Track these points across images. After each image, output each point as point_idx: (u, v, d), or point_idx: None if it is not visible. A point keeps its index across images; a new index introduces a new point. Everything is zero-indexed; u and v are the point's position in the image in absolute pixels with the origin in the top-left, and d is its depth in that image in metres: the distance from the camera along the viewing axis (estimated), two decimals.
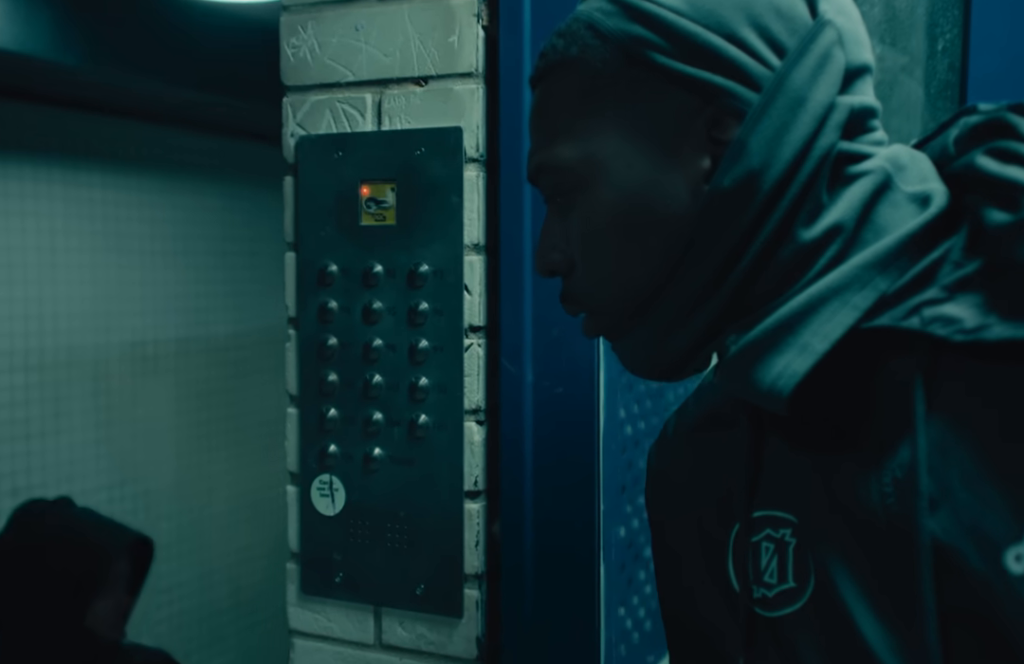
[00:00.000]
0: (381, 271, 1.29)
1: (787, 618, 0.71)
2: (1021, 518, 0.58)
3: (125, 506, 3.96)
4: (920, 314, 0.64)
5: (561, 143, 0.75)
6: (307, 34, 1.34)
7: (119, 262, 3.92)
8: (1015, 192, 0.62)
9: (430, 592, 1.28)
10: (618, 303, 0.76)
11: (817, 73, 0.67)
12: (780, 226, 0.68)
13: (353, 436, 1.32)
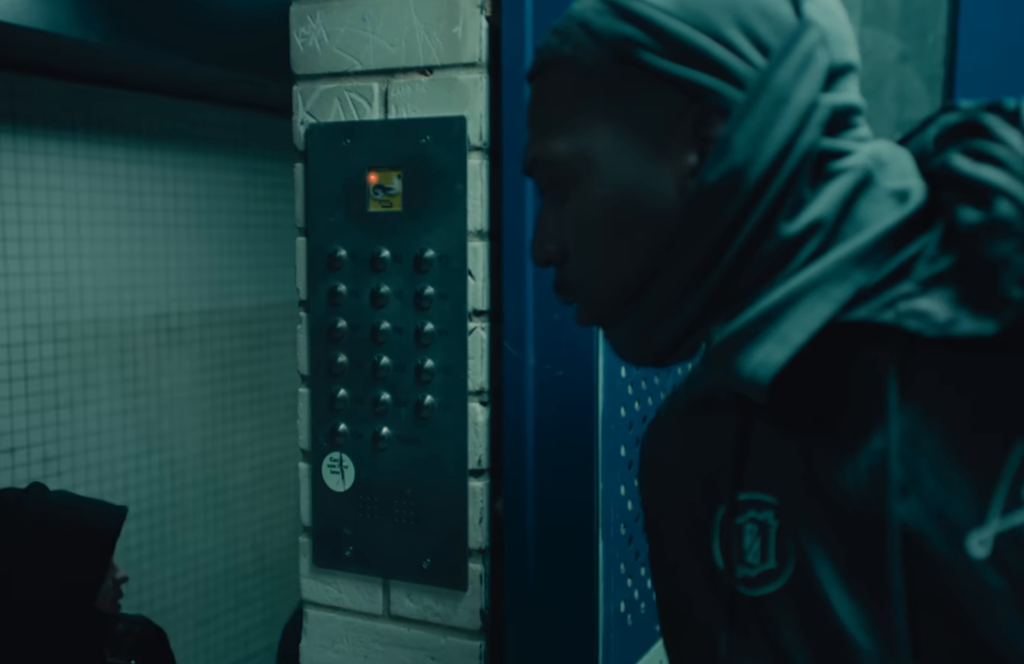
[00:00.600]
0: (388, 256, 1.33)
1: (768, 597, 0.74)
2: (983, 504, 0.61)
3: (152, 474, 4.05)
4: (895, 308, 0.66)
5: (555, 138, 0.78)
6: (316, 24, 1.37)
7: (143, 235, 3.98)
8: (986, 192, 0.64)
9: (436, 566, 1.33)
10: (608, 293, 0.79)
11: (800, 73, 0.70)
12: (763, 220, 0.71)
13: (362, 415, 1.37)
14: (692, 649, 0.87)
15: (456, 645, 1.32)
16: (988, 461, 0.61)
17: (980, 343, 0.62)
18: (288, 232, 4.48)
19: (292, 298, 4.72)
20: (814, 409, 0.72)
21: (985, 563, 0.61)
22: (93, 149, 3.67)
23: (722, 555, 0.78)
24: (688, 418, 0.88)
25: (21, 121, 3.41)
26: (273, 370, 4.57)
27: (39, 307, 3.49)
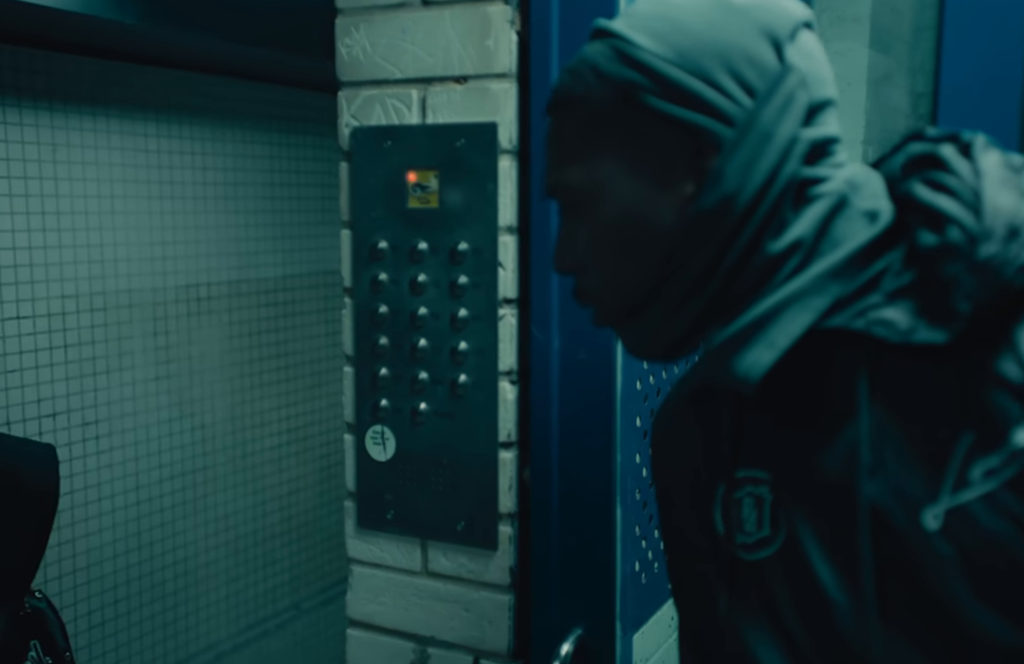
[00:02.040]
0: (426, 248, 1.47)
1: (763, 562, 0.87)
2: (936, 485, 0.74)
3: (184, 438, 4.20)
4: (866, 316, 0.78)
5: (570, 168, 0.89)
6: (359, 35, 1.50)
7: (173, 208, 4.11)
8: (941, 219, 0.76)
9: (469, 528, 1.48)
10: (619, 301, 0.91)
11: (782, 112, 0.80)
12: (752, 239, 0.83)
13: (402, 392, 1.51)
14: (696, 606, 1.01)
15: (488, 599, 1.47)
16: (940, 448, 0.74)
17: (934, 349, 0.75)
18: (311, 203, 4.62)
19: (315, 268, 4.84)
20: (798, 402, 0.85)
21: (938, 534, 0.73)
22: (125, 125, 3.80)
23: (723, 523, 0.92)
24: (692, 404, 1.01)
25: (58, 99, 3.54)
26: (298, 338, 4.72)
27: (76, 278, 3.63)
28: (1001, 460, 0.71)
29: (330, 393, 4.64)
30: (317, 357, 4.54)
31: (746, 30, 0.82)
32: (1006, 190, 0.75)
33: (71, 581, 3.47)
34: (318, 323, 4.57)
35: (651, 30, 0.83)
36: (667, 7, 0.84)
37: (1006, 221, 0.72)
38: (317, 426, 4.61)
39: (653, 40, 0.83)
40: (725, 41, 0.81)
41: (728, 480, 0.90)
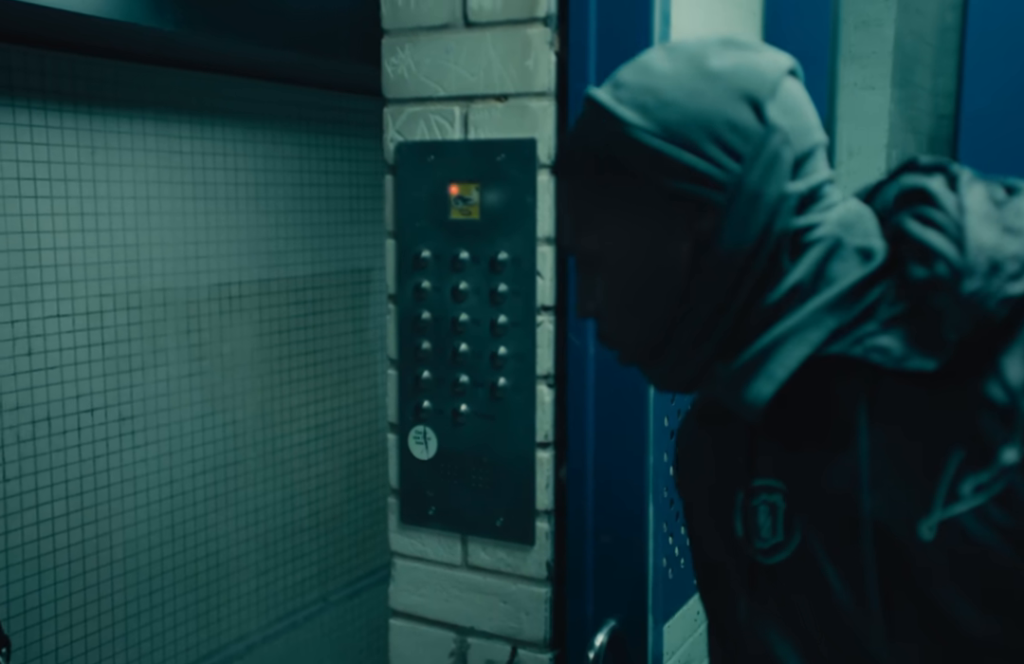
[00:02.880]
0: (467, 257, 1.55)
1: (779, 566, 0.95)
2: (928, 499, 0.79)
3: (216, 433, 4.30)
4: (863, 344, 0.83)
5: (582, 233, 0.96)
6: (404, 54, 1.58)
7: (206, 208, 4.20)
8: (930, 254, 0.81)
9: (508, 524, 1.55)
10: (636, 347, 0.98)
11: (767, 173, 0.85)
12: (753, 290, 0.89)
13: (444, 394, 1.59)
14: (721, 607, 1.08)
15: (525, 591, 1.55)
16: (933, 466, 0.79)
17: (927, 374, 0.80)
18: (339, 203, 4.71)
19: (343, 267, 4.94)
20: (804, 423, 0.91)
21: (932, 544, 0.80)
22: (160, 127, 3.90)
23: (743, 528, 0.98)
24: (710, 421, 1.07)
25: (97, 103, 3.64)
26: (326, 336, 4.81)
27: (113, 277, 3.73)
28: (990, 476, 0.77)
29: (357, 390, 4.73)
30: (344, 354, 4.63)
31: (726, 97, 0.87)
32: (988, 226, 0.80)
33: (108, 572, 3.57)
34: (345, 321, 4.65)
35: (639, 105, 0.89)
36: (651, 78, 0.90)
37: (988, 257, 0.78)
38: (345, 422, 4.71)
39: (642, 116, 0.88)
40: (707, 111, 0.86)
41: (746, 488, 0.97)
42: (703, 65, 0.89)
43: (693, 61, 0.89)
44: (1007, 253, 0.77)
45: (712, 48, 0.90)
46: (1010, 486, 0.76)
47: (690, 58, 0.90)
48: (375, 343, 4.79)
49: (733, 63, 0.89)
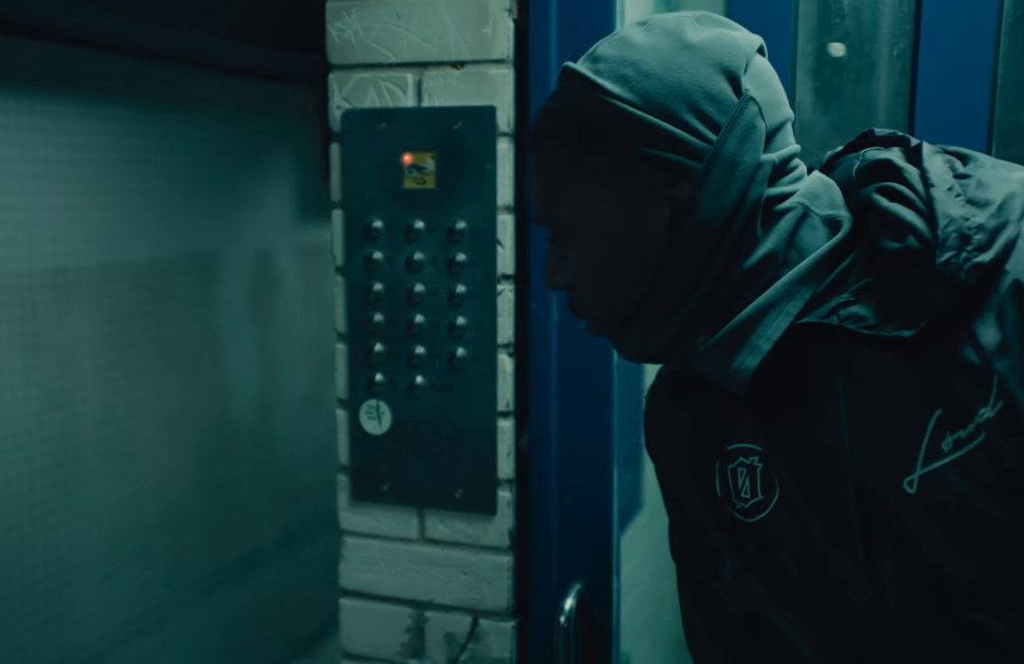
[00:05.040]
0: (423, 227, 1.52)
1: (760, 522, 0.99)
2: (911, 456, 0.85)
3: (54, 430, 4.01)
4: (837, 313, 0.88)
5: (557, 203, 0.97)
6: (351, 19, 1.53)
7: (37, 188, 3.91)
8: (901, 225, 0.86)
9: (468, 494, 1.55)
10: (607, 317, 1.00)
11: (743, 142, 0.89)
12: (728, 257, 0.91)
13: (398, 367, 1.56)
14: (700, 570, 1.12)
15: (487, 561, 1.55)
16: (912, 425, 0.85)
17: (902, 341, 0.84)
18: (183, 184, 4.49)
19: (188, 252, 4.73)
20: (783, 389, 0.95)
21: (914, 497, 0.85)
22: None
23: (723, 492, 1.03)
24: (681, 388, 1.10)
25: None
26: (171, 323, 4.57)
27: None
28: (967, 432, 0.83)
29: (205, 381, 4.53)
30: (190, 343, 4.42)
31: (704, 69, 0.90)
32: (954, 199, 0.85)
33: None
34: (190, 308, 4.44)
35: (619, 76, 0.91)
36: (631, 51, 0.92)
37: (956, 229, 0.83)
38: (191, 415, 4.49)
39: (622, 86, 0.91)
40: (686, 82, 0.90)
41: (722, 453, 1.02)
42: (681, 38, 0.92)
43: (671, 35, 0.92)
44: (974, 224, 0.84)
45: (688, 23, 0.94)
46: (987, 440, 0.82)
47: (667, 32, 0.93)
48: (223, 331, 4.60)
49: (710, 37, 0.92)
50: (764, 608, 1.02)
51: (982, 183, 0.87)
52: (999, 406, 0.81)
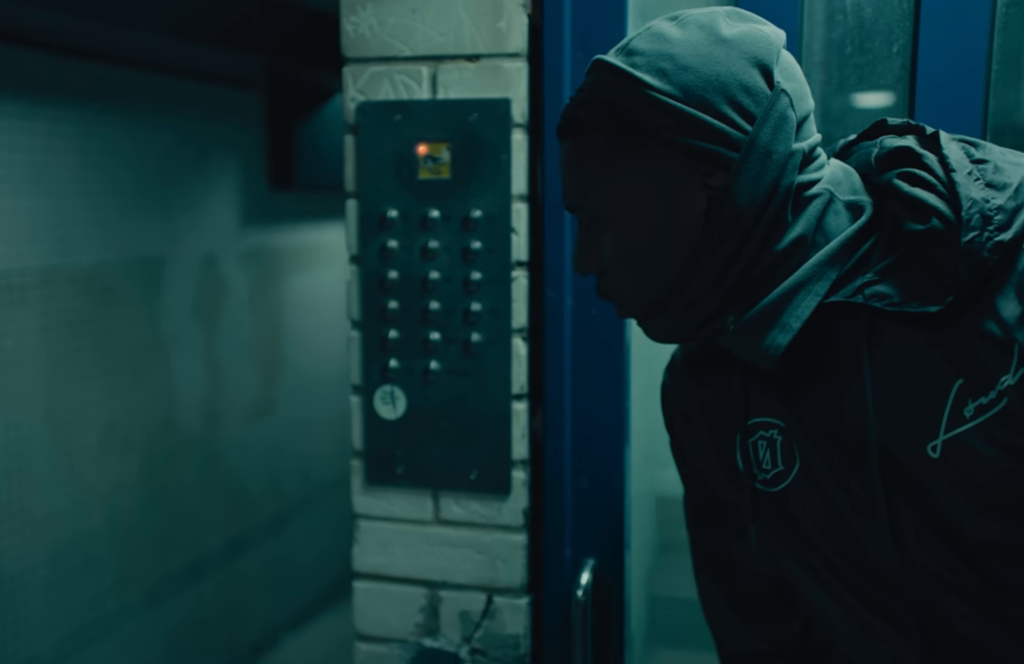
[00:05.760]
0: (438, 216, 1.56)
1: (782, 491, 1.06)
2: (935, 423, 0.91)
3: None
4: (863, 292, 0.93)
5: (591, 192, 1.00)
6: (366, 13, 1.57)
7: None
8: (924, 208, 0.91)
9: (483, 476, 1.59)
10: (639, 301, 1.02)
11: (777, 132, 0.93)
12: (761, 243, 0.95)
13: (413, 353, 1.60)
14: (720, 542, 1.19)
15: (501, 540, 1.59)
16: (935, 394, 0.91)
17: (925, 317, 0.90)
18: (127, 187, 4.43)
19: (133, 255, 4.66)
20: (808, 363, 0.99)
21: (938, 461, 0.91)
22: None
23: (745, 465, 1.09)
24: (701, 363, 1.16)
25: None
26: (119, 329, 4.51)
27: None
28: (989, 399, 0.88)
29: (152, 386, 4.47)
30: (137, 348, 4.35)
31: (739, 62, 0.94)
32: (974, 183, 0.91)
33: None
34: (138, 311, 4.38)
35: (657, 69, 0.95)
36: (667, 45, 0.96)
37: (979, 210, 0.89)
38: (139, 419, 4.43)
39: (661, 79, 0.94)
40: (723, 74, 0.93)
41: (743, 428, 1.08)
42: (715, 33, 0.96)
43: (705, 29, 0.97)
44: (994, 206, 0.91)
45: (720, 18, 0.99)
46: (1009, 405, 0.87)
47: (701, 27, 0.97)
48: (169, 336, 4.54)
49: (742, 32, 0.97)
50: (788, 571, 1.10)
51: (998, 167, 0.94)
52: (1020, 373, 0.88)
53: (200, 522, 4.79)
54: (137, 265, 4.36)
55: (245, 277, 5.01)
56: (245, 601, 5.12)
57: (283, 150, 4.97)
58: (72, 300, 4.15)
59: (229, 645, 5.06)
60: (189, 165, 4.65)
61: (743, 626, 1.21)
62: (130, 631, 4.42)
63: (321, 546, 5.65)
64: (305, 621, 5.47)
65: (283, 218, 5.26)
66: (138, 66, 4.33)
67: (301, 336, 5.44)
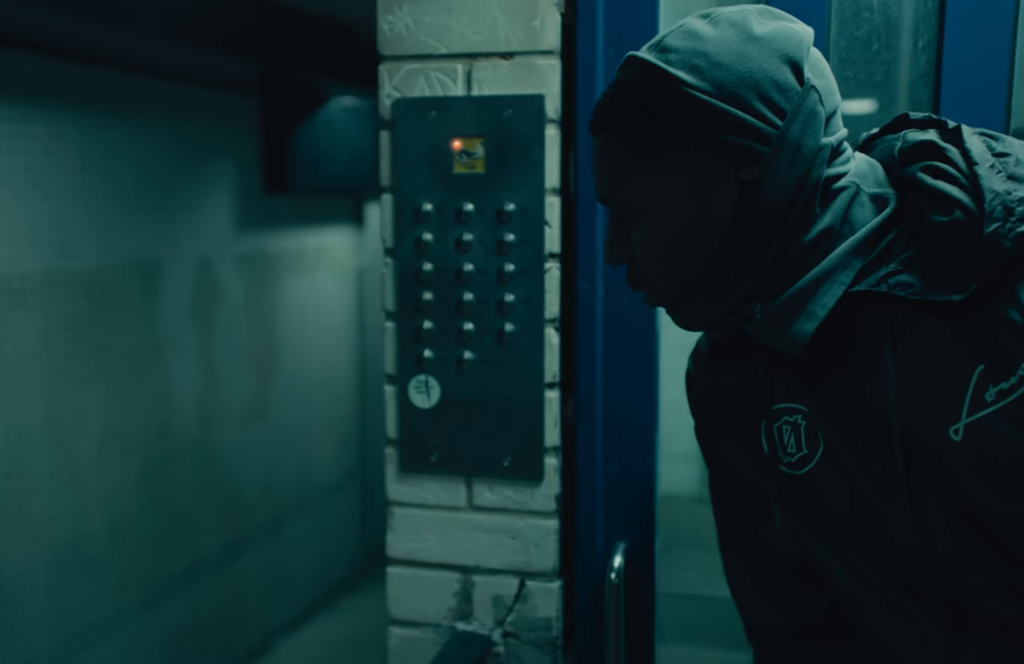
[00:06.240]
0: (472, 209, 1.61)
1: (806, 474, 1.09)
2: (958, 407, 0.93)
3: None
4: (887, 281, 0.96)
5: (623, 185, 1.03)
6: (402, 12, 1.61)
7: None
8: (948, 201, 0.94)
9: (515, 463, 1.63)
10: (669, 291, 1.06)
11: (807, 127, 0.96)
12: (789, 233, 0.98)
13: (447, 343, 1.64)
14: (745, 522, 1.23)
15: (534, 525, 1.63)
16: (957, 379, 0.93)
17: (947, 306, 0.93)
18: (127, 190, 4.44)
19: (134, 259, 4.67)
20: (832, 350, 1.02)
21: (960, 444, 0.94)
22: None
23: (770, 449, 1.13)
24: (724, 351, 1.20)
25: None
26: (118, 332, 4.52)
27: None
28: (1010, 384, 0.91)
29: (151, 388, 4.48)
30: (136, 352, 4.36)
31: (771, 59, 0.97)
32: (996, 176, 0.94)
33: None
34: (137, 315, 4.39)
35: (691, 66, 0.98)
36: (700, 42, 0.99)
37: (1001, 202, 0.92)
38: (138, 423, 4.44)
39: (695, 76, 0.97)
40: (756, 71, 0.96)
41: (768, 413, 1.12)
42: (747, 30, 1.00)
43: (737, 27, 1.01)
44: (1016, 198, 0.94)
45: (751, 15, 1.02)
46: None
47: (734, 24, 1.01)
48: (167, 339, 4.55)
49: (773, 29, 0.98)
50: (814, 552, 1.14)
51: (1020, 161, 0.98)
52: None
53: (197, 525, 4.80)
54: (136, 268, 4.37)
55: (240, 280, 5.02)
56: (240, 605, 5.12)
57: (277, 154, 4.99)
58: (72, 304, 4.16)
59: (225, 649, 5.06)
60: (186, 169, 4.67)
61: (770, 604, 1.25)
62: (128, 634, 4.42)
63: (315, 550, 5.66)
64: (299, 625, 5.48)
65: (277, 222, 5.28)
66: (135, 70, 4.35)
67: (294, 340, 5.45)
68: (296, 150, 5.00)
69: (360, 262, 6.03)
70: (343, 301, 5.90)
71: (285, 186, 4.99)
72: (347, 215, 5.89)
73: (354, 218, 5.94)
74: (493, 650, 1.66)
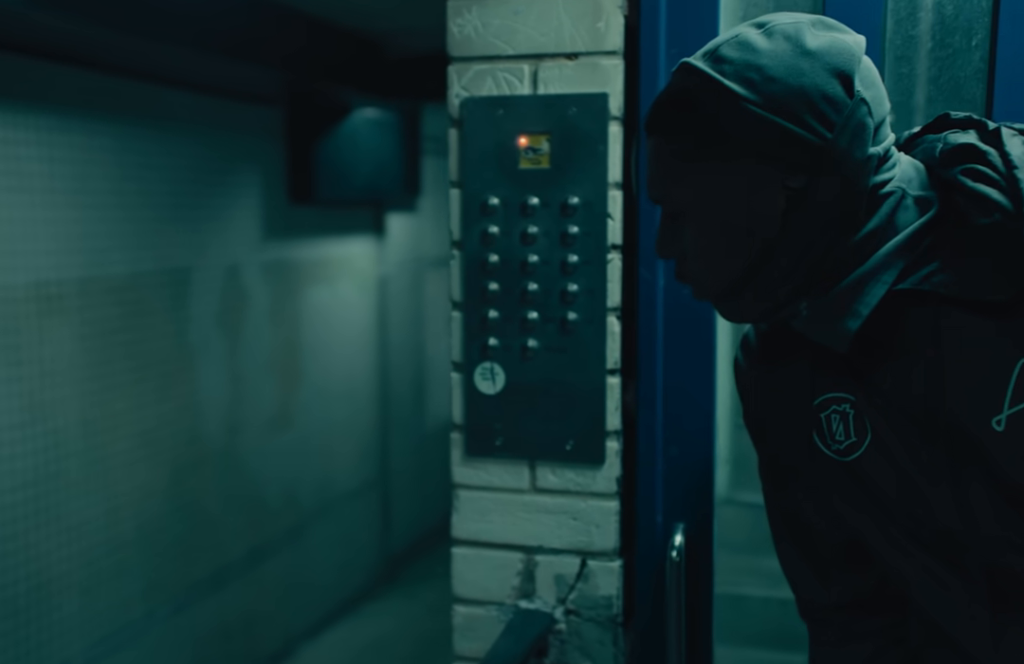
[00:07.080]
0: (537, 203, 1.68)
1: (855, 460, 1.12)
2: (997, 400, 0.98)
3: (36, 444, 4.00)
4: (930, 280, 1.01)
5: (674, 187, 1.08)
6: (471, 15, 1.69)
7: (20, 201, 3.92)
8: (988, 203, 0.98)
9: (578, 446, 1.70)
10: (716, 286, 1.11)
11: (855, 139, 1.00)
12: (835, 237, 1.03)
13: (511, 331, 1.71)
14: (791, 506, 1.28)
15: (595, 507, 1.70)
16: (999, 372, 0.98)
17: (988, 304, 0.97)
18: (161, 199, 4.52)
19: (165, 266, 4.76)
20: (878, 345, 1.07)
21: (1002, 434, 0.98)
22: None
23: (819, 437, 1.19)
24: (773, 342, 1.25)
25: None
26: (149, 339, 4.59)
27: None
28: None
29: (179, 395, 4.55)
30: (166, 358, 4.44)
31: (822, 73, 1.00)
32: None
33: None
34: (167, 322, 4.46)
35: (744, 79, 1.01)
36: (754, 55, 1.02)
37: None
38: (167, 429, 4.51)
39: (748, 89, 1.01)
40: (807, 86, 0.99)
41: (816, 403, 1.17)
42: (800, 44, 1.01)
43: (791, 40, 1.01)
44: None
45: (805, 27, 1.06)
46: None
47: (787, 37, 1.02)
48: (196, 347, 4.62)
49: (826, 42, 1.01)
50: (862, 533, 1.19)
51: None
52: None
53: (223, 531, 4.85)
54: (167, 276, 4.45)
55: (265, 289, 5.09)
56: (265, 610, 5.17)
57: (302, 165, 5.07)
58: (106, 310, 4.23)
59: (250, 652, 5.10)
60: (216, 178, 4.76)
61: (820, 581, 1.30)
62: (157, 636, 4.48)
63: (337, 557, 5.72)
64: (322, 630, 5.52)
65: (301, 232, 5.35)
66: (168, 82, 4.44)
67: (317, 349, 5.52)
68: (320, 161, 5.07)
69: (381, 272, 6.10)
70: (364, 311, 5.97)
71: (309, 196, 5.06)
72: (369, 225, 5.97)
73: (375, 228, 6.01)
74: (555, 627, 1.72)
